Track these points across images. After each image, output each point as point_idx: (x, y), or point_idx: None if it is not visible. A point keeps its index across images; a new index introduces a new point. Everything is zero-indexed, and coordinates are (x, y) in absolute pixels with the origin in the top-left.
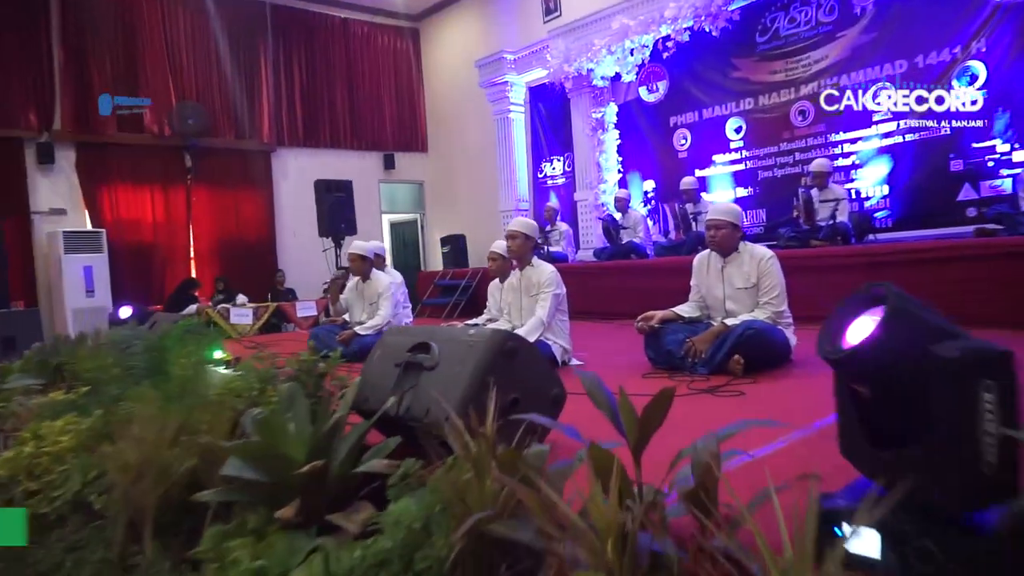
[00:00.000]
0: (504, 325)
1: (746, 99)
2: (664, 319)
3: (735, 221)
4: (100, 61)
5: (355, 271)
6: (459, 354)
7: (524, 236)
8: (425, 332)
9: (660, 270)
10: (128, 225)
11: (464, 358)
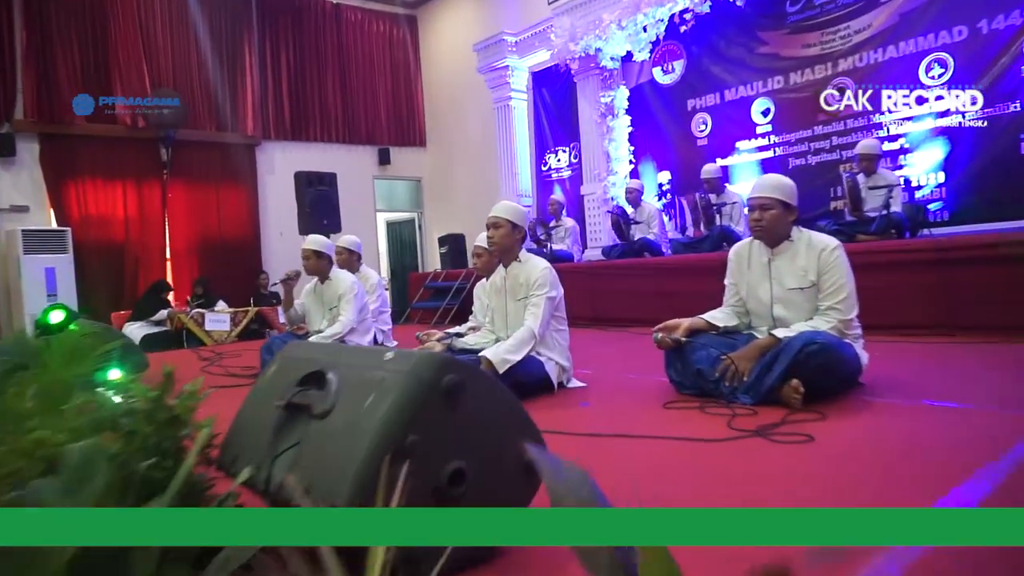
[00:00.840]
0: (486, 337)
1: (775, 77)
2: (692, 329)
3: (788, 199)
4: (67, 45)
5: (310, 270)
6: (366, 393)
7: (509, 224)
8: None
9: (679, 270)
10: (97, 223)
11: (374, 401)
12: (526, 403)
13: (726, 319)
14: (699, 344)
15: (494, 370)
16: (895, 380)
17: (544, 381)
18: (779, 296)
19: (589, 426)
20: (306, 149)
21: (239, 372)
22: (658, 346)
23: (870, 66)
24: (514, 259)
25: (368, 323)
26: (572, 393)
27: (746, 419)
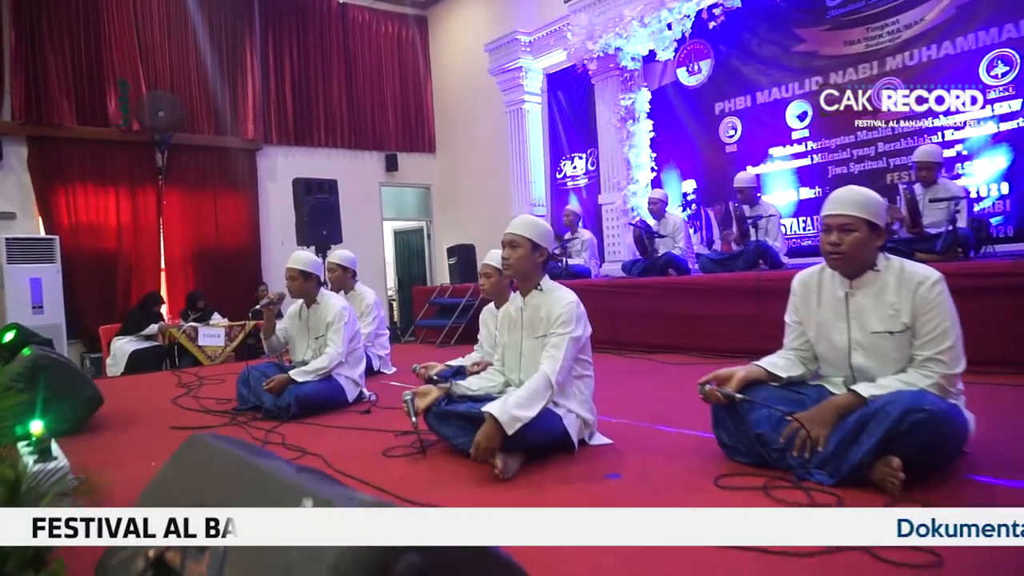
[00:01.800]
0: (493, 379)
1: (813, 78)
2: (748, 381)
3: (875, 219)
4: (58, 43)
5: (295, 292)
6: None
7: (528, 244)
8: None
9: (709, 291)
10: (88, 231)
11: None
12: (538, 467)
13: (790, 367)
14: (758, 400)
15: (500, 430)
16: (1000, 445)
17: (561, 439)
18: (860, 341)
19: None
20: (310, 154)
21: (213, 408)
22: (705, 400)
23: (922, 64)
24: (534, 287)
25: (359, 353)
26: (596, 455)
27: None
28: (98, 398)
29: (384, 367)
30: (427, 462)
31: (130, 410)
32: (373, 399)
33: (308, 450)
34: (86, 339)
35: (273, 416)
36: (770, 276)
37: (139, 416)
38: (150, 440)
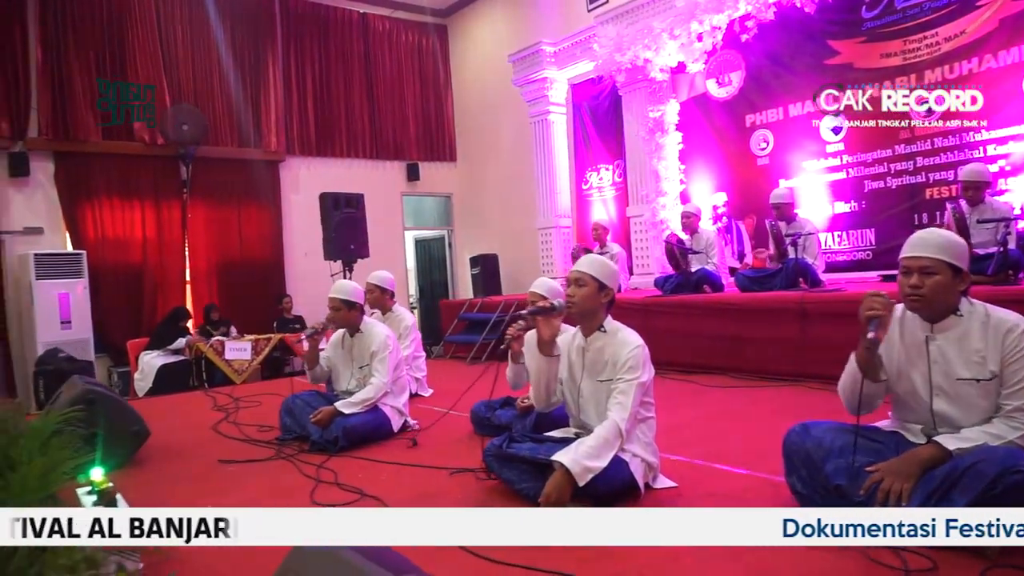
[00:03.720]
0: (566, 432)
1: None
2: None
3: (958, 262)
4: (83, 59)
5: (339, 322)
6: None
7: (595, 284)
8: None
9: (751, 311)
10: (114, 245)
11: None
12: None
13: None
14: (835, 447)
15: (571, 480)
16: None
17: (628, 484)
18: (942, 387)
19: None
20: (332, 165)
21: (255, 436)
22: (869, 312)
23: (962, 78)
24: (597, 328)
25: (403, 381)
26: (662, 500)
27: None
28: (145, 431)
29: (421, 390)
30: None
31: (172, 439)
32: (417, 427)
33: (365, 492)
34: (113, 353)
35: (320, 448)
36: (815, 297)
37: (182, 447)
38: (200, 475)
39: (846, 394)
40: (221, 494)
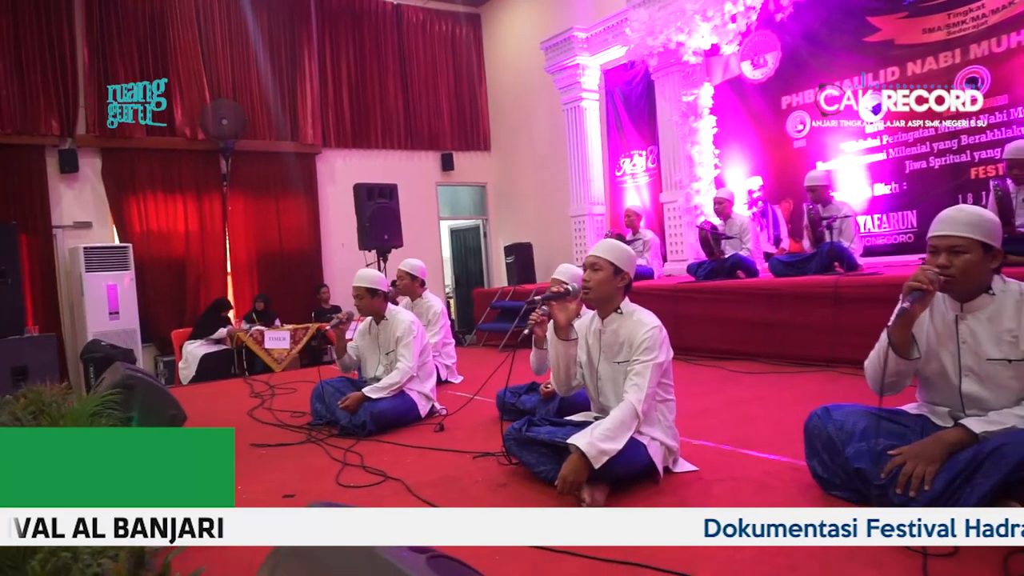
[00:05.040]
0: (586, 416)
1: (888, 68)
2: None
3: (989, 240)
4: (128, 58)
5: (364, 310)
6: None
7: (611, 268)
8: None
9: (784, 296)
10: (158, 238)
11: None
12: (625, 498)
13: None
14: (857, 430)
15: (586, 463)
16: None
17: (647, 468)
18: (972, 368)
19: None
20: (367, 157)
21: (288, 421)
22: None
23: (1011, 51)
24: (613, 310)
25: (429, 366)
26: (682, 484)
27: (946, 565)
28: (182, 415)
29: (451, 376)
30: (509, 490)
31: (209, 423)
32: (444, 413)
33: (388, 474)
34: (159, 343)
35: (349, 433)
36: (849, 281)
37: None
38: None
39: (872, 371)
40: (250, 476)
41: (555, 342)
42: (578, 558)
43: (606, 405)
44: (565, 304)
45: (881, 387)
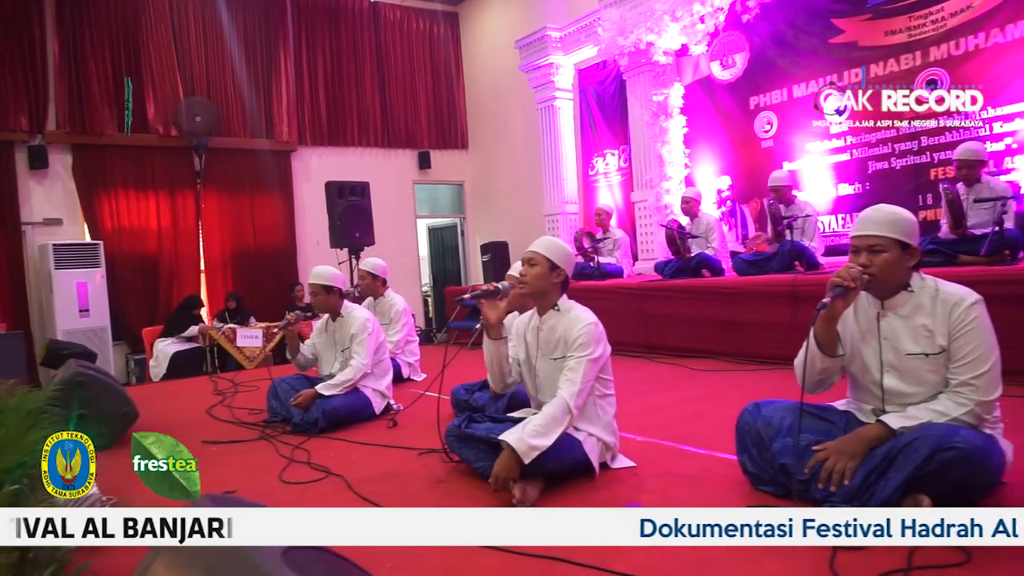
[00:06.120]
0: (527, 412)
1: (852, 70)
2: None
3: (906, 238)
4: (99, 53)
5: (319, 307)
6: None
7: (546, 263)
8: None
9: (744, 295)
10: (130, 235)
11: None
12: (558, 494)
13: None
14: (784, 426)
15: (518, 459)
16: None
17: (582, 464)
18: (892, 363)
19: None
20: (343, 154)
21: (245, 419)
22: (832, 284)
23: (968, 54)
24: (551, 307)
25: (386, 363)
26: (617, 480)
27: (852, 559)
28: (133, 412)
29: (414, 374)
30: (446, 486)
31: (166, 420)
32: (399, 409)
33: (332, 471)
34: (130, 341)
35: (302, 430)
36: (806, 280)
37: (173, 427)
38: None
39: (800, 369)
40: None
41: (486, 341)
42: (497, 553)
43: (544, 402)
44: (495, 302)
45: (806, 384)
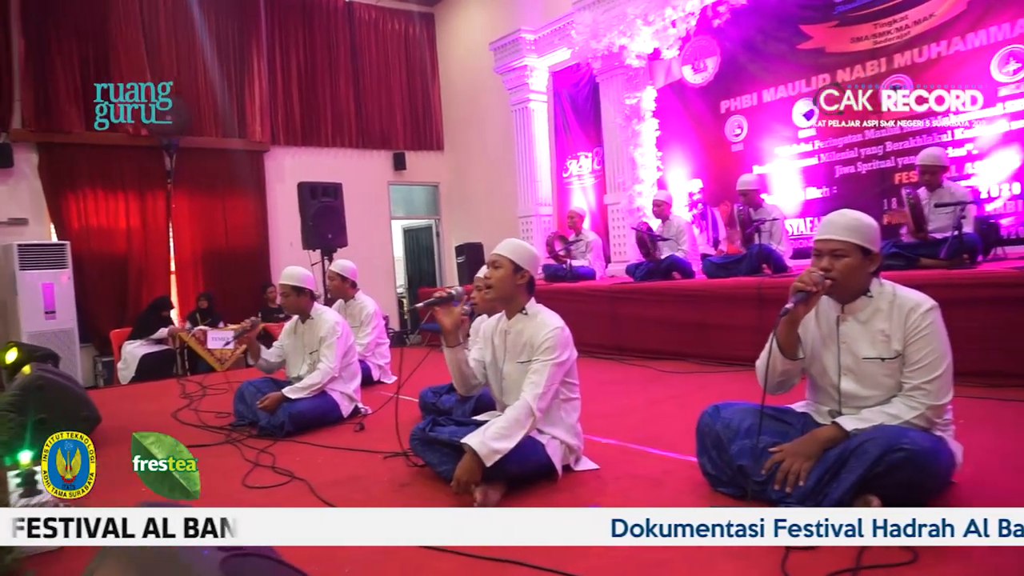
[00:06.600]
0: (488, 415)
1: (820, 75)
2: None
3: (867, 244)
4: (66, 50)
5: (289, 308)
6: None
7: (510, 265)
8: None
9: (713, 297)
10: (98, 235)
11: None
12: (521, 496)
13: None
14: (743, 428)
15: (479, 462)
16: (996, 471)
17: (544, 467)
18: (849, 366)
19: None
20: (317, 155)
21: (211, 422)
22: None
23: (931, 61)
24: (519, 310)
25: (354, 367)
26: (579, 482)
27: (803, 559)
28: (95, 417)
29: (384, 376)
30: (410, 490)
31: (130, 425)
32: (367, 413)
33: (296, 475)
34: (98, 343)
35: (268, 434)
36: (772, 283)
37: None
38: None
39: (761, 372)
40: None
41: (445, 348)
42: (454, 556)
43: (510, 405)
44: (449, 308)
45: (767, 386)
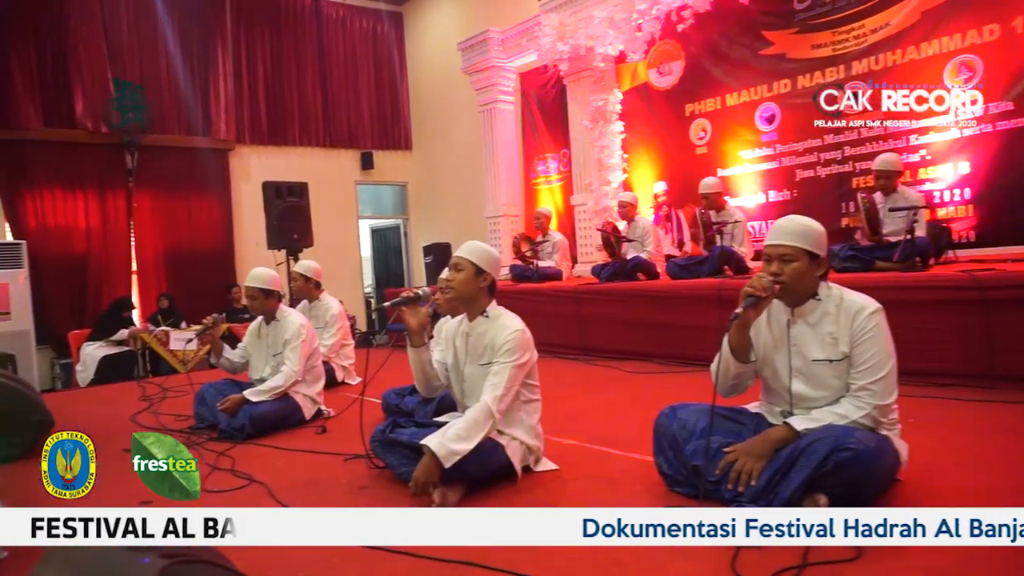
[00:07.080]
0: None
1: (781, 81)
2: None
3: (815, 249)
4: (23, 45)
5: (257, 310)
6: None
7: (472, 268)
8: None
9: (675, 298)
10: (56, 234)
11: None
12: (480, 498)
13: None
14: (698, 429)
15: (438, 463)
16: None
17: (504, 468)
18: (799, 368)
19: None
20: (284, 154)
21: (171, 425)
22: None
23: (887, 68)
24: (480, 313)
25: (318, 370)
26: (539, 483)
27: (753, 557)
28: (48, 421)
29: (348, 378)
30: (369, 492)
31: (86, 427)
32: (330, 415)
33: (255, 478)
34: (56, 345)
35: (228, 437)
36: (732, 284)
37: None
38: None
39: (715, 374)
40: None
41: (409, 348)
42: (410, 557)
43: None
44: (415, 308)
45: (721, 387)
